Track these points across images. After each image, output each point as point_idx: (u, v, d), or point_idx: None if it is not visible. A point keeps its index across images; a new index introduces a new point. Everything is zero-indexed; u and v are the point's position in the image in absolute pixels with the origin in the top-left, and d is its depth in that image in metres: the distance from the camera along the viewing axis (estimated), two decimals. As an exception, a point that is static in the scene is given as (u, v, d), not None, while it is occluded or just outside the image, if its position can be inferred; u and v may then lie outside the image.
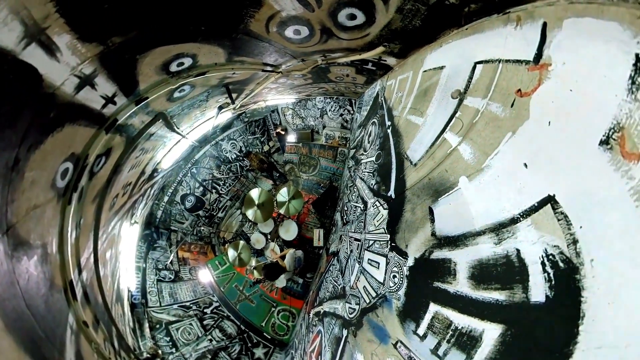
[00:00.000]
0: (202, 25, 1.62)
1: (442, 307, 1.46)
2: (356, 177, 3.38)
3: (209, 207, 6.77)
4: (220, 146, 6.87)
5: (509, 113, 1.32)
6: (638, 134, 0.70)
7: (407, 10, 1.48)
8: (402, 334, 1.50)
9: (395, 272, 1.98)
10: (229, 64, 2.28)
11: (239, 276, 5.84)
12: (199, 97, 2.91)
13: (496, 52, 1.24)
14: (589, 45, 0.79)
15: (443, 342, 1.26)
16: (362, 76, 3.04)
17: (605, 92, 0.78)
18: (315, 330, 2.62)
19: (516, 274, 1.15)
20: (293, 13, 1.70)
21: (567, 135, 1.00)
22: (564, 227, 1.00)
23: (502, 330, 1.08)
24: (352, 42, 1.99)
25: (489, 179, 1.47)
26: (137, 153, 2.81)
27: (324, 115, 5.99)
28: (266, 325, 4.77)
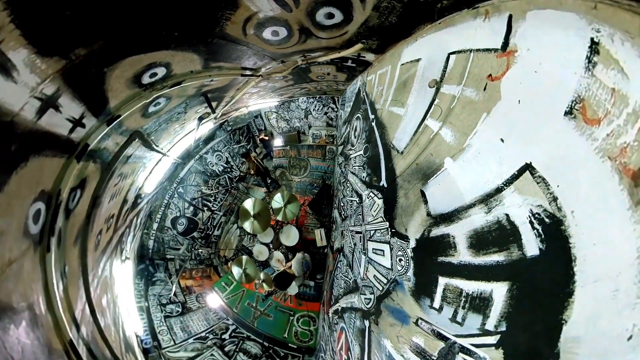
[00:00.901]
0: (175, 31, 1.48)
1: (450, 279, 1.59)
2: (347, 172, 3.46)
3: (204, 227, 6.32)
4: (205, 160, 6.40)
5: (482, 96, 1.49)
6: (596, 103, 0.85)
7: (383, 7, 1.56)
8: (420, 311, 1.61)
9: (400, 256, 2.09)
10: (205, 70, 2.13)
11: (249, 293, 5.56)
12: (177, 109, 2.67)
13: (467, 42, 1.39)
14: (550, 33, 0.94)
15: (459, 309, 1.38)
16: (343, 73, 3.11)
17: (566, 71, 0.93)
18: (338, 328, 2.65)
19: (509, 235, 1.30)
20: (270, 14, 1.66)
21: (535, 110, 1.17)
22: (544, 188, 1.15)
23: (508, 287, 1.21)
24: (331, 41, 2.03)
25: (471, 157, 1.64)
26: (115, 180, 2.47)
27: (308, 115, 5.95)
28: (289, 335, 4.62)
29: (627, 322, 0.64)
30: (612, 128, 0.81)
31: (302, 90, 4.41)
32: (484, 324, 1.20)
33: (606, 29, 0.72)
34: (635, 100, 0.70)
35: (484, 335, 1.16)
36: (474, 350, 1.14)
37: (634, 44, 0.65)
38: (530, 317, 1.01)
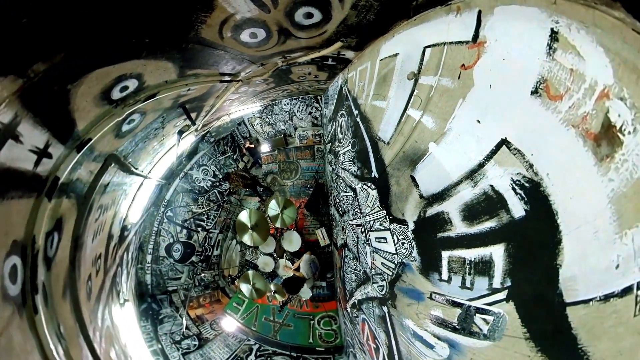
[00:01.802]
0: (145, 37, 1.32)
1: (452, 251, 1.75)
2: (338, 168, 3.53)
3: (201, 249, 5.81)
4: (191, 177, 5.87)
5: (457, 84, 1.66)
6: (558, 82, 1.02)
7: (361, 6, 1.62)
8: (431, 286, 1.74)
9: (402, 240, 2.23)
10: (181, 79, 1.94)
11: (264, 307, 5.30)
12: (153, 125, 2.38)
13: (441, 36, 1.53)
14: (515, 25, 1.09)
15: (466, 276, 1.54)
16: (324, 72, 3.13)
17: (530, 57, 1.10)
18: (360, 320, 2.70)
19: (497, 203, 1.48)
20: (248, 15, 1.60)
21: (505, 92, 1.35)
22: (520, 158, 1.34)
23: (504, 247, 1.39)
24: (310, 41, 2.03)
25: (452, 139, 1.82)
26: (95, 214, 2.10)
27: (293, 117, 5.82)
28: (314, 340, 4.54)
29: (612, 255, 0.80)
30: (573, 101, 0.98)
31: (284, 92, 4.31)
32: (491, 283, 1.36)
33: (564, 20, 0.88)
34: (591, 77, 0.86)
35: (494, 293, 1.31)
36: (488, 309, 1.29)
37: (588, 31, 0.81)
38: (530, 269, 1.18)
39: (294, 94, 4.76)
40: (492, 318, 1.24)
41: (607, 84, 0.81)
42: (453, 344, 1.40)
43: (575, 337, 0.82)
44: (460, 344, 1.35)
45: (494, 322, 1.21)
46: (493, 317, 1.23)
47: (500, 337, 1.14)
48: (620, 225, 0.79)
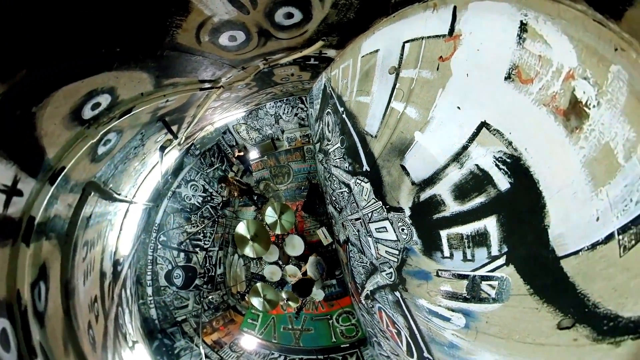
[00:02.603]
0: (116, 46, 1.16)
1: (449, 229, 1.89)
2: (330, 166, 3.55)
3: (203, 271, 5.37)
4: (180, 195, 5.39)
5: (436, 75, 1.79)
6: (528, 68, 1.16)
7: (341, 4, 1.64)
8: (436, 265, 1.87)
9: (401, 226, 2.35)
10: (158, 90, 1.75)
11: (280, 317, 5.12)
12: (132, 143, 2.10)
13: (419, 31, 1.63)
14: (488, 19, 1.22)
15: (466, 250, 1.68)
16: (307, 72, 3.09)
17: (502, 47, 1.23)
18: (376, 309, 2.77)
19: (483, 179, 1.63)
20: (226, 17, 1.52)
21: (482, 79, 1.49)
22: (499, 137, 1.50)
23: (496, 218, 1.55)
24: (291, 41, 1.99)
25: (436, 127, 1.96)
26: (82, 253, 1.80)
27: (279, 120, 5.68)
28: (336, 338, 4.52)
29: (591, 210, 0.95)
30: (543, 83, 1.13)
31: (268, 96, 4.18)
32: (490, 252, 1.51)
33: (532, 13, 1.00)
34: (557, 61, 1.00)
35: (494, 260, 1.46)
36: (492, 275, 1.43)
37: (554, 22, 0.93)
38: (522, 233, 1.34)
39: (278, 96, 4.65)
40: (497, 282, 1.38)
41: (572, 66, 0.95)
42: (467, 312, 1.53)
43: (573, 284, 0.96)
44: (474, 311, 1.48)
45: (499, 285, 1.35)
46: (498, 282, 1.37)
47: (508, 297, 1.28)
48: (595, 185, 0.94)
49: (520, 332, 1.16)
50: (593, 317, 0.88)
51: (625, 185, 0.81)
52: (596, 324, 0.87)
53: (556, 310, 1.02)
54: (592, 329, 0.89)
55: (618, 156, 0.84)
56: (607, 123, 0.87)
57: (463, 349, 1.51)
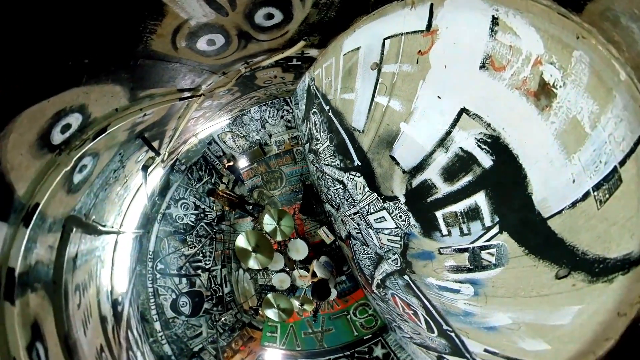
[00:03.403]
0: (84, 57, 1.00)
1: (444, 209, 2.04)
2: (322, 165, 3.55)
3: (210, 293, 4.97)
4: (170, 217, 4.92)
5: (416, 68, 1.91)
6: (500, 57, 1.30)
7: (322, 4, 1.65)
8: (437, 244, 2.02)
9: (399, 214, 2.47)
10: (134, 104, 1.55)
11: (298, 323, 4.99)
12: (111, 166, 1.82)
13: (398, 28, 1.73)
14: (462, 14, 1.34)
15: (462, 225, 1.84)
16: (290, 73, 3.02)
17: (476, 39, 1.37)
18: (389, 296, 2.86)
19: (468, 160, 1.79)
20: (204, 20, 1.42)
21: (458, 70, 1.64)
22: (479, 120, 1.66)
23: (484, 193, 1.72)
24: (272, 42, 1.94)
25: (419, 116, 2.10)
26: (75, 300, 1.53)
27: (265, 124, 5.51)
28: (358, 331, 4.54)
29: (567, 174, 1.12)
30: (514, 70, 1.28)
31: (252, 100, 4.00)
32: (484, 224, 1.67)
33: (503, 8, 1.13)
34: (526, 50, 1.15)
35: (488, 230, 1.63)
36: (489, 244, 1.59)
37: (522, 16, 1.07)
38: (509, 203, 1.51)
39: (262, 100, 4.52)
40: (494, 250, 1.54)
41: (539, 53, 1.10)
42: (473, 281, 1.69)
43: (562, 239, 1.13)
44: (479, 279, 1.64)
45: (498, 252, 1.51)
46: (495, 249, 1.54)
47: (507, 261, 1.44)
48: (568, 153, 1.11)
49: (525, 289, 1.33)
50: (585, 263, 1.05)
51: (594, 150, 0.97)
52: (588, 268, 1.04)
53: (551, 264, 1.19)
54: (586, 273, 1.06)
55: (585, 126, 1.00)
56: (573, 100, 1.03)
57: (477, 315, 1.67)
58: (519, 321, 1.34)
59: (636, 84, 0.77)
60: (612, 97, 0.86)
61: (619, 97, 0.84)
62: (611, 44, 0.77)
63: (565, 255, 1.11)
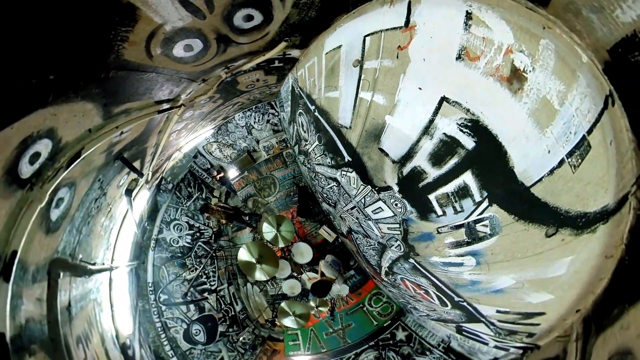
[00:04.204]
0: (48, 73, 0.83)
1: (436, 192, 2.20)
2: (313, 166, 3.53)
3: (222, 315, 4.65)
4: (165, 241, 4.50)
5: (397, 63, 2.01)
6: (475, 48, 1.44)
7: (302, 3, 1.63)
8: (434, 224, 2.17)
9: (394, 202, 2.59)
10: (109, 122, 1.34)
11: (318, 326, 4.93)
12: (90, 195, 1.55)
13: (378, 25, 1.80)
14: (438, 10, 1.44)
15: (455, 204, 2.01)
16: (273, 75, 2.90)
17: (451, 33, 1.49)
18: (399, 281, 2.97)
19: (452, 144, 1.95)
20: (180, 25, 1.30)
21: (436, 61, 1.76)
22: (458, 107, 1.81)
23: (471, 172, 1.89)
24: (253, 45, 1.86)
25: (403, 108, 2.23)
26: (80, 354, 1.31)
27: (251, 130, 5.29)
28: (377, 320, 4.65)
29: (542, 146, 1.29)
30: (488, 59, 1.42)
31: (236, 106, 3.79)
32: (474, 200, 1.85)
33: (475, 4, 1.25)
34: (498, 40, 1.29)
35: (479, 205, 1.80)
36: (482, 217, 1.76)
37: (494, 10, 1.20)
38: (494, 178, 1.69)
39: (246, 105, 4.33)
40: (488, 221, 1.71)
41: (509, 43, 1.25)
42: (474, 253, 1.85)
43: (546, 202, 1.30)
44: (478, 249, 1.81)
45: (491, 222, 1.69)
46: (488, 220, 1.71)
47: (500, 229, 1.62)
48: (541, 128, 1.28)
49: (521, 251, 1.51)
50: (569, 220, 1.23)
51: (564, 123, 1.14)
52: (573, 223, 1.23)
53: (540, 225, 1.37)
54: (571, 228, 1.25)
55: (554, 104, 1.16)
56: (542, 82, 1.19)
57: (483, 282, 1.85)
58: (522, 280, 1.53)
59: (597, 65, 0.94)
60: (576, 77, 1.03)
61: (582, 76, 1.00)
62: (574, 32, 0.91)
63: (551, 216, 1.29)
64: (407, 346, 3.80)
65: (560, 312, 1.44)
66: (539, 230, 1.36)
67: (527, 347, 1.86)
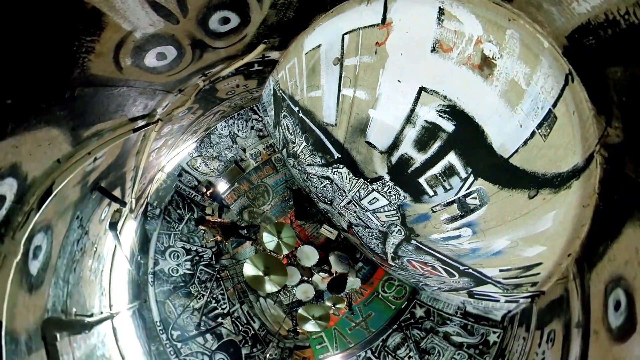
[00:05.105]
0: (4, 97, 0.65)
1: (425, 175, 2.37)
2: (304, 167, 3.47)
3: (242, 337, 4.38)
4: (163, 273, 4.08)
5: (375, 58, 2.10)
6: (448, 40, 1.59)
7: (280, 4, 1.58)
8: (428, 205, 2.35)
9: (388, 190, 2.73)
10: (79, 148, 1.10)
11: (340, 323, 4.97)
12: (70, 237, 1.26)
13: (356, 23, 1.85)
14: (413, 7, 1.55)
15: (444, 183, 2.20)
16: (253, 80, 2.71)
17: (426, 28, 1.62)
18: (406, 263, 3.11)
19: (434, 129, 2.12)
20: (151, 31, 1.16)
21: (413, 55, 1.89)
22: (436, 95, 1.97)
23: (454, 152, 2.07)
24: (230, 49, 1.74)
25: (385, 101, 2.35)
26: None
27: (236, 138, 4.99)
28: (394, 304, 4.84)
29: (515, 122, 1.49)
30: (460, 50, 1.58)
31: (217, 116, 3.48)
32: (461, 177, 2.05)
33: (447, 0, 1.38)
34: (468, 32, 1.44)
35: (466, 181, 2.00)
36: (470, 191, 1.97)
37: (464, 6, 1.33)
38: (475, 154, 1.89)
39: (227, 113, 4.05)
40: (476, 194, 1.92)
41: (479, 35, 1.41)
42: (468, 224, 2.06)
43: (524, 169, 1.52)
44: (472, 220, 2.02)
45: (479, 194, 1.90)
46: (476, 193, 1.92)
47: (488, 199, 1.83)
48: (512, 106, 1.48)
49: (509, 214, 1.73)
50: (546, 181, 1.46)
51: (531, 100, 1.34)
52: (550, 184, 1.45)
53: (522, 190, 1.59)
54: (549, 188, 1.47)
55: (522, 84, 1.35)
56: (509, 67, 1.37)
57: (482, 248, 2.07)
58: (515, 239, 1.77)
59: (557, 49, 1.12)
60: (539, 60, 1.22)
61: (545, 60, 1.19)
62: (536, 23, 1.08)
63: (530, 180, 1.51)
64: (428, 320, 4.05)
65: (554, 259, 1.71)
66: (522, 194, 1.59)
67: (533, 295, 2.15)
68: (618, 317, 0.99)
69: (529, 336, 2.14)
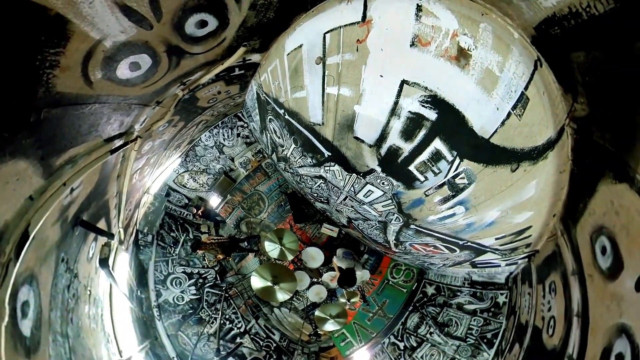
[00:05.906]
0: None
1: (414, 162, 2.50)
2: (295, 169, 3.40)
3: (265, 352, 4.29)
4: (168, 304, 3.81)
5: (357, 55, 2.15)
6: (426, 35, 1.69)
7: (260, 5, 1.51)
8: (420, 189, 2.50)
9: (381, 181, 2.84)
10: (52, 179, 0.91)
11: (358, 316, 5.07)
12: (59, 284, 1.07)
13: (337, 22, 1.86)
14: (392, 5, 1.61)
15: (434, 168, 2.36)
16: (235, 85, 2.51)
17: (405, 24, 1.70)
18: (409, 247, 3.25)
19: (418, 119, 2.26)
20: (122, 38, 1.02)
21: (393, 50, 1.98)
22: (417, 87, 2.09)
23: (439, 138, 2.23)
24: (209, 54, 1.61)
25: (369, 96, 2.42)
26: None
27: (222, 148, 4.69)
28: (405, 288, 5.03)
29: (492, 106, 1.66)
30: (437, 43, 1.70)
31: (200, 126, 3.17)
32: (447, 160, 2.21)
33: None
34: (445, 27, 1.55)
35: (452, 163, 2.17)
36: (458, 172, 2.14)
37: (440, 3, 1.43)
38: (459, 138, 2.06)
39: (211, 122, 3.77)
40: (464, 174, 2.10)
41: (455, 29, 1.52)
42: (460, 202, 2.25)
43: (504, 147, 1.70)
44: (463, 198, 2.21)
45: (466, 174, 2.08)
46: (464, 173, 2.10)
47: (475, 177, 2.02)
48: (488, 92, 1.64)
49: (496, 188, 1.92)
50: (525, 154, 1.65)
51: (505, 85, 1.50)
52: (528, 156, 1.65)
53: (505, 165, 1.78)
54: (529, 160, 1.67)
55: (495, 72, 1.51)
56: (484, 57, 1.51)
57: (476, 221, 2.27)
58: (505, 209, 1.98)
59: (525, 39, 1.28)
60: (510, 50, 1.37)
61: (515, 49, 1.35)
62: (506, 16, 1.21)
63: (511, 156, 1.70)
64: (440, 296, 4.26)
65: (542, 220, 1.94)
66: (505, 169, 1.78)
67: (529, 255, 2.41)
68: (606, 260, 1.18)
69: (533, 291, 2.41)
